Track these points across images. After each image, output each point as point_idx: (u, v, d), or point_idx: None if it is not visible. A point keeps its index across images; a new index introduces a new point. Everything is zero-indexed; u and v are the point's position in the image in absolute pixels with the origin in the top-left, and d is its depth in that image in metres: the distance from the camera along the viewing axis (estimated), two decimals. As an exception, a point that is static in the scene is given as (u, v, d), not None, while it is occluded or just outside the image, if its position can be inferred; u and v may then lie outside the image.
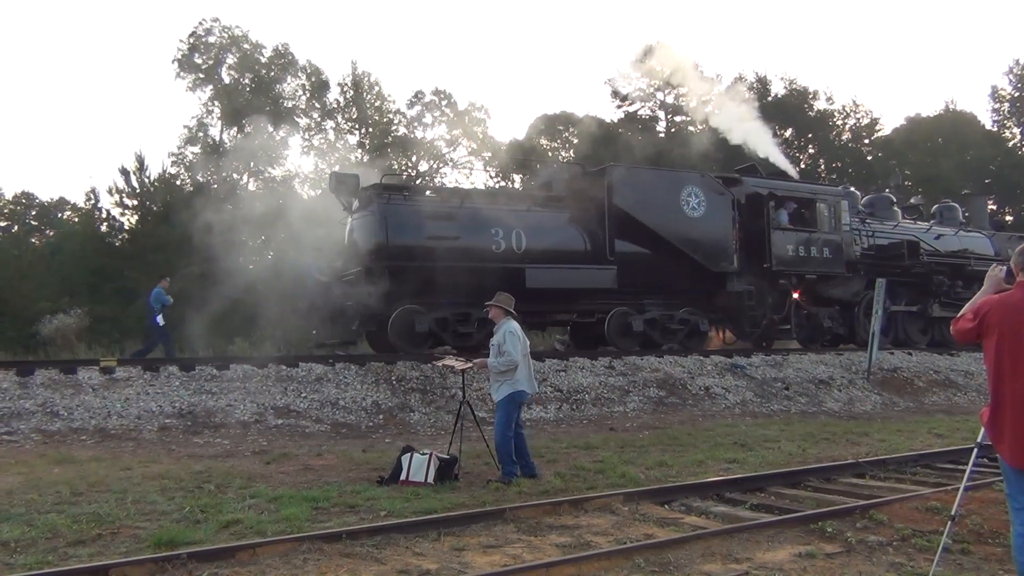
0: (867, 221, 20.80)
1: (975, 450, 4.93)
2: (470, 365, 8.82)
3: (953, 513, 4.96)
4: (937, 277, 20.40)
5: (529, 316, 16.39)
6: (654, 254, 17.23)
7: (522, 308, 16.09)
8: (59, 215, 39.36)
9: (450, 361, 9.44)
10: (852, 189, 22.22)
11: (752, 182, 19.05)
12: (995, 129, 48.15)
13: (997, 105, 49.02)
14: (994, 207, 41.25)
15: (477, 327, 15.07)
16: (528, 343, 8.49)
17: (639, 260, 17.05)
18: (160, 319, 16.83)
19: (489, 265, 15.35)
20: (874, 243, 20.36)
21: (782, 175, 21.78)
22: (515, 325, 8.39)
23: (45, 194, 54.86)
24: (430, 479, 7.86)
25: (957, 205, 23.96)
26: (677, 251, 17.26)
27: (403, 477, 7.88)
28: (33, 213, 39.69)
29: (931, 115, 47.82)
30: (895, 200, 22.78)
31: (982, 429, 4.59)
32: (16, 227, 38.12)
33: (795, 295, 18.64)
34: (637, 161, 23.88)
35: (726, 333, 19.80)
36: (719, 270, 17.79)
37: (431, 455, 8.05)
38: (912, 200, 24.81)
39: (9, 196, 39.13)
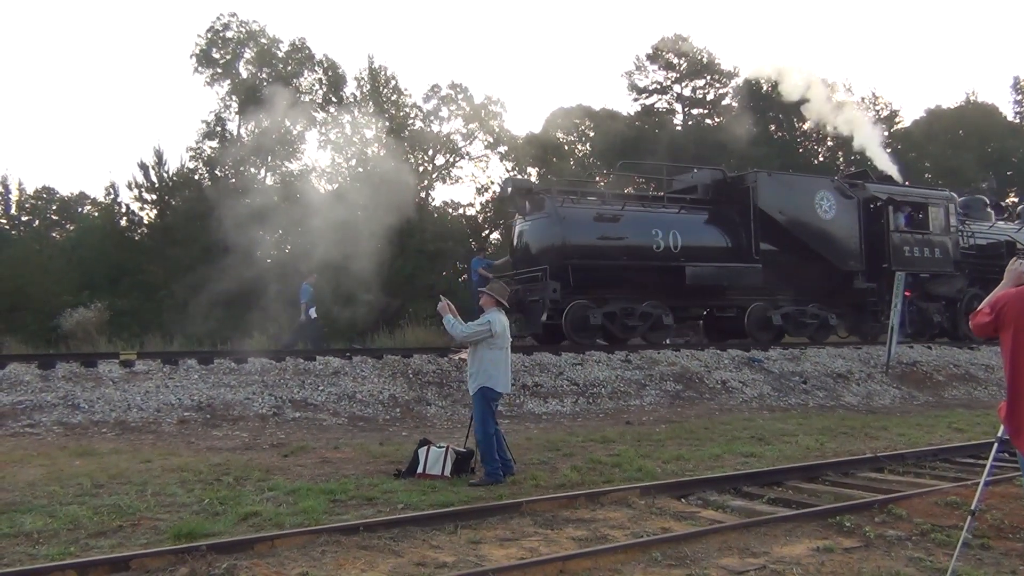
0: (966, 222, 21.80)
1: (995, 444, 4.89)
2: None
3: (973, 508, 4.92)
4: None
5: (683, 311, 18.28)
6: (791, 253, 18.48)
7: (680, 303, 17.61)
8: (79, 209, 39.62)
9: (466, 354, 9.44)
10: (952, 193, 22.83)
11: (873, 187, 20.25)
12: (1017, 121, 47.59)
13: (1019, 96, 48.53)
14: (1015, 200, 40.89)
15: (640, 319, 16.69)
16: (510, 340, 8.27)
17: (779, 258, 18.32)
18: (313, 312, 17.63)
19: (651, 263, 16.91)
20: (974, 243, 21.51)
21: (888, 178, 23.09)
22: (497, 317, 8.10)
23: (65, 189, 55.18)
24: (447, 472, 7.88)
25: None
26: (811, 251, 18.64)
27: (420, 470, 7.90)
28: (54, 208, 39.96)
29: (952, 107, 47.32)
30: (988, 202, 23.80)
31: (1002, 423, 4.55)
32: (37, 222, 38.40)
33: (906, 294, 19.57)
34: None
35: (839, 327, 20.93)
36: (847, 269, 19.08)
37: (448, 448, 8.07)
38: (1007, 202, 25.62)
39: (30, 191, 39.46)
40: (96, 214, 35.41)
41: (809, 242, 18.63)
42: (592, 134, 42.65)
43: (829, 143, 45.33)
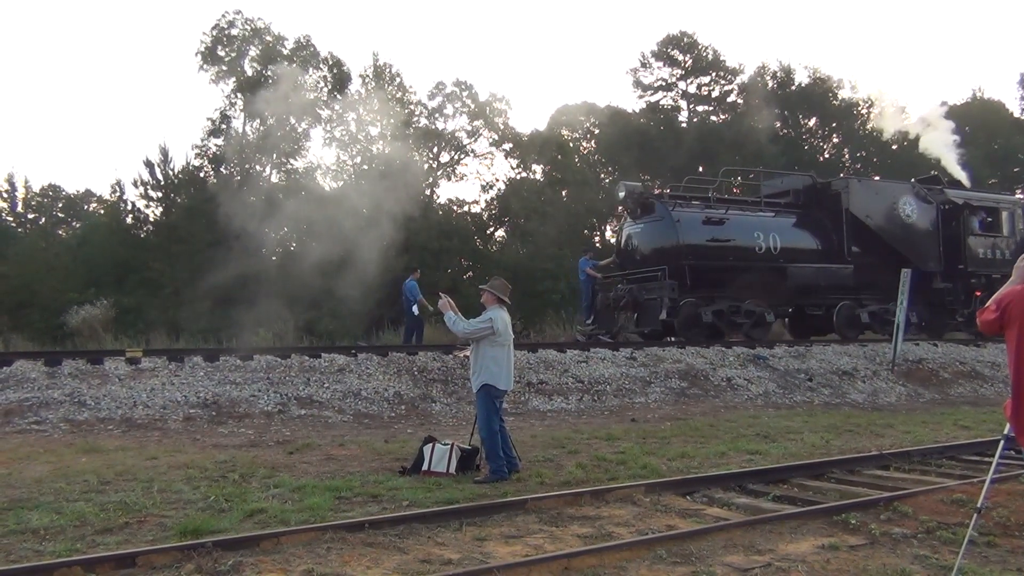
0: None
1: (1001, 442, 4.88)
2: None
3: (979, 505, 4.91)
4: None
5: (780, 308, 19.19)
6: (876, 255, 19.53)
7: (776, 301, 18.53)
8: (85, 207, 39.74)
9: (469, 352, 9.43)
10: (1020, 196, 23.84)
11: (951, 193, 21.38)
12: (1024, 117, 47.36)
13: (1026, 93, 48.15)
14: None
15: (745, 317, 17.87)
16: (512, 336, 8.25)
17: (865, 259, 19.40)
18: (416, 309, 18.11)
19: (755, 264, 17.99)
20: None
21: (957, 183, 24.00)
22: (498, 314, 8.06)
23: (71, 186, 55.46)
24: (452, 470, 7.89)
25: None
26: (895, 252, 19.56)
27: (425, 467, 7.90)
28: (60, 205, 40.10)
29: (958, 103, 47.10)
30: None
31: (1008, 422, 4.54)
32: (43, 219, 38.54)
33: (977, 293, 20.66)
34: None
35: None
36: (927, 269, 19.98)
37: (453, 446, 8.07)
38: None
39: (36, 188, 39.59)
40: (102, 212, 35.48)
41: (894, 244, 19.67)
42: (597, 131, 42.58)
43: (835, 139, 45.24)
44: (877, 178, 25.84)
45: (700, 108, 44.16)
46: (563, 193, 36.79)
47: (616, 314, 18.02)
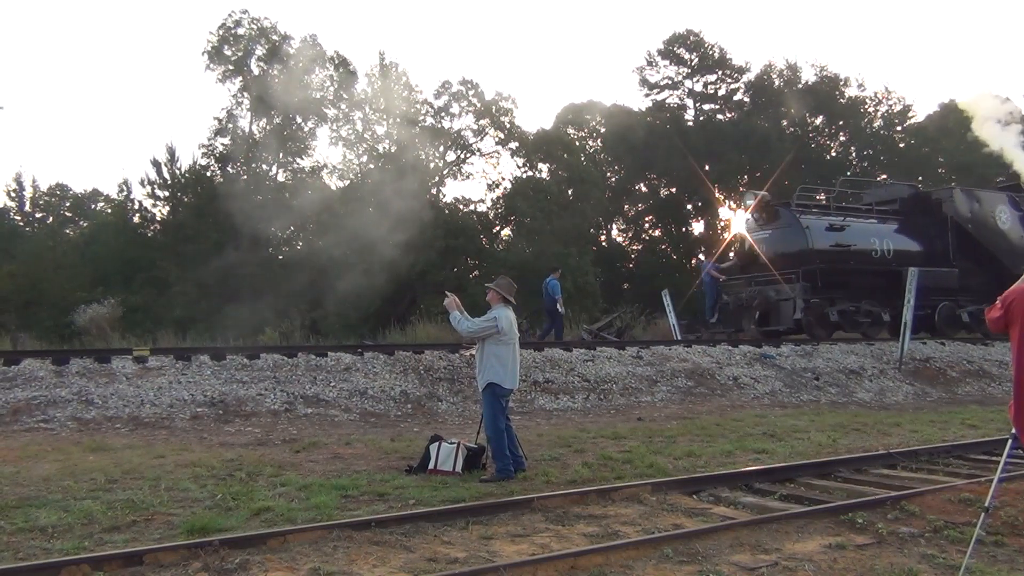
0: None
1: (1009, 441, 4.87)
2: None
3: (986, 504, 4.90)
4: None
5: (894, 308, 19.68)
6: (973, 259, 20.73)
7: (887, 302, 19.13)
8: (93, 206, 39.88)
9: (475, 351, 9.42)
10: None
11: None
12: (1032, 115, 47.11)
13: (1034, 90, 47.96)
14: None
15: (865, 316, 19.00)
16: (518, 335, 8.21)
17: (968, 264, 20.64)
18: (560, 306, 18.81)
19: (874, 267, 19.41)
20: None
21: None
22: (504, 313, 8.02)
23: (79, 186, 55.59)
24: (458, 468, 7.88)
25: None
26: (991, 256, 20.86)
27: (431, 466, 7.90)
28: (67, 205, 40.23)
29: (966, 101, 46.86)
30: None
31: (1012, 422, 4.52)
32: (51, 218, 38.68)
33: None
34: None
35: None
36: (1020, 272, 19.78)
37: (459, 444, 8.06)
38: None
39: (44, 188, 39.72)
40: (109, 211, 35.63)
41: (991, 248, 20.88)
42: (603, 130, 42.53)
43: (842, 137, 45.09)
44: (986, 188, 27.13)
45: (706, 107, 44.11)
46: (569, 192, 36.79)
47: (744, 314, 19.09)
